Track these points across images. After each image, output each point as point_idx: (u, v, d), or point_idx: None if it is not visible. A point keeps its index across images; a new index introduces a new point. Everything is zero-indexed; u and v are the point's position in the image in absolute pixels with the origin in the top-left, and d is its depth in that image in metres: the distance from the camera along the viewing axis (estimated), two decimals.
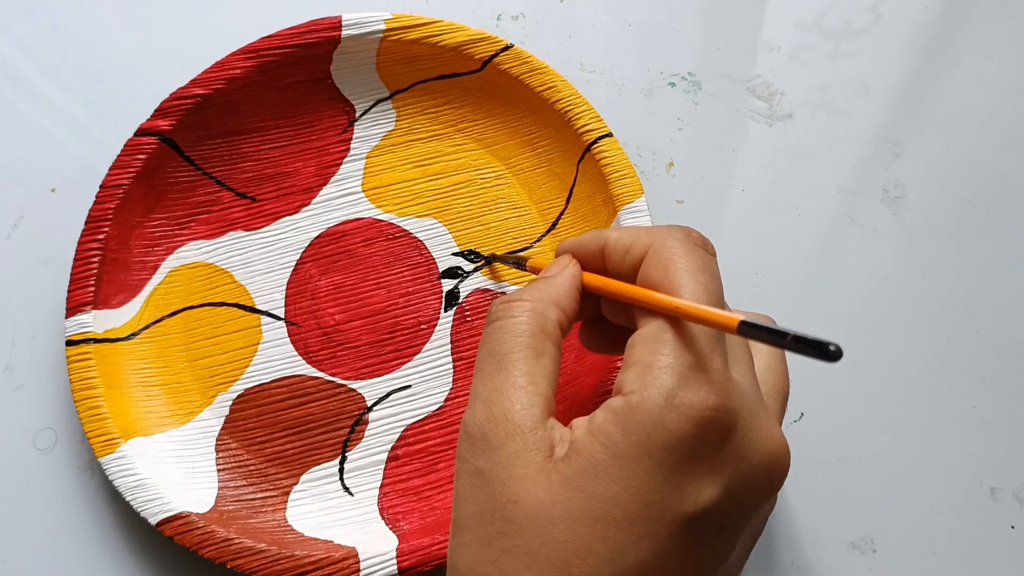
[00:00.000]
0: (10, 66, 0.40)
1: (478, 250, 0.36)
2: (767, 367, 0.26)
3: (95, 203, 0.34)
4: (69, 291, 0.33)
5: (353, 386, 0.35)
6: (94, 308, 0.33)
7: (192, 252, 0.36)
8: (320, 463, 0.34)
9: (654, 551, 0.21)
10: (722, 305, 0.23)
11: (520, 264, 0.32)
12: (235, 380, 0.34)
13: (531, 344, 0.24)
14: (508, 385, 0.23)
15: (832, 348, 0.17)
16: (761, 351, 0.26)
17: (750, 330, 0.20)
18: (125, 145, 0.35)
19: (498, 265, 0.36)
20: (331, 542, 0.31)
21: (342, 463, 0.34)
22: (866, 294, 0.37)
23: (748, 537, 0.24)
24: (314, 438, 0.34)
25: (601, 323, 0.28)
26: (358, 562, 0.30)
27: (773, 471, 0.23)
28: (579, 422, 0.23)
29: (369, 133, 0.38)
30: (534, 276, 0.32)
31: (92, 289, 0.33)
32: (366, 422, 0.34)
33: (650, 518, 0.21)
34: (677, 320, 0.22)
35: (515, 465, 0.22)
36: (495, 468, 0.22)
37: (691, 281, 0.23)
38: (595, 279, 0.26)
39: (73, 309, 0.33)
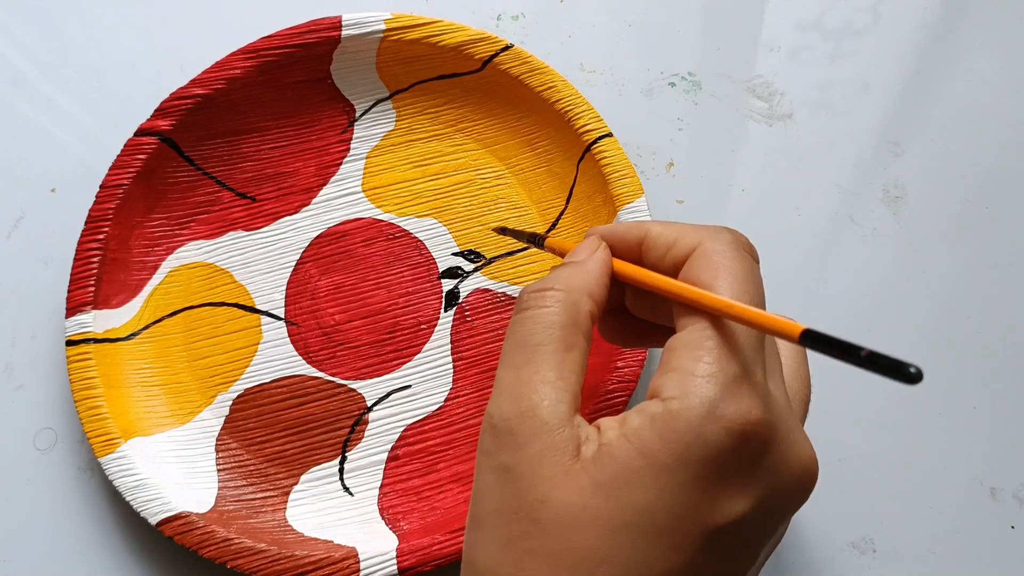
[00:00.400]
0: (10, 66, 0.40)
1: (478, 250, 0.36)
2: (793, 373, 0.25)
3: (95, 203, 0.34)
4: (69, 291, 0.33)
5: (353, 386, 0.35)
6: (94, 308, 0.33)
7: (192, 252, 0.36)
8: (320, 463, 0.34)
9: (680, 562, 0.20)
10: None
11: (537, 241, 0.30)
12: (235, 380, 0.34)
13: (562, 337, 0.23)
14: (537, 379, 0.22)
15: (913, 371, 0.16)
16: (785, 355, 0.26)
17: (815, 340, 0.19)
18: (125, 145, 0.35)
19: (499, 263, 0.36)
20: (331, 542, 0.31)
21: (342, 463, 0.34)
22: (866, 294, 0.37)
23: (771, 546, 0.23)
24: (314, 438, 0.34)
25: (623, 314, 0.27)
26: (358, 562, 0.30)
27: (804, 485, 0.22)
28: (608, 423, 0.22)
29: (369, 133, 0.38)
30: (543, 252, 0.31)
31: (92, 289, 0.33)
32: (366, 422, 0.34)
33: (679, 530, 0.20)
34: (719, 325, 0.22)
35: (543, 464, 0.21)
36: (521, 466, 0.22)
37: (742, 291, 0.22)
38: (633, 270, 0.24)
39: (73, 309, 0.33)
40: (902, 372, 0.16)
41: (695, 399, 0.20)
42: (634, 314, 0.27)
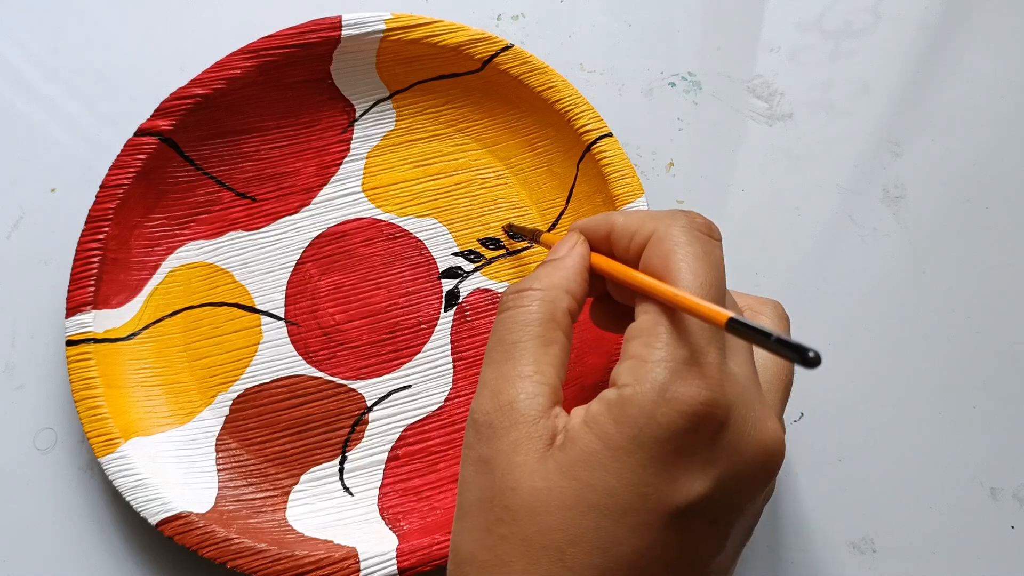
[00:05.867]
0: (10, 66, 0.40)
1: (478, 250, 0.36)
2: (769, 355, 0.26)
3: (95, 203, 0.34)
4: (69, 291, 0.33)
5: (353, 386, 0.35)
6: (94, 308, 0.33)
7: (192, 252, 0.36)
8: (320, 463, 0.34)
9: (647, 542, 0.21)
10: (722, 295, 0.23)
11: (535, 237, 0.33)
12: (235, 380, 0.34)
13: (540, 333, 0.24)
14: (515, 374, 0.23)
15: (812, 355, 0.18)
16: None
17: (738, 327, 0.20)
18: (125, 145, 0.35)
19: (499, 263, 0.36)
20: (331, 542, 0.31)
21: (342, 463, 0.34)
22: (866, 294, 0.37)
23: (742, 526, 0.24)
24: (314, 438, 0.34)
25: (610, 301, 0.28)
26: (358, 562, 0.30)
27: (767, 463, 0.23)
28: (577, 411, 0.23)
29: (369, 133, 0.38)
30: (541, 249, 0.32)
31: (92, 289, 0.33)
32: (366, 422, 0.34)
33: (642, 509, 0.21)
34: (672, 311, 0.22)
35: (516, 453, 0.22)
36: (497, 456, 0.22)
37: (689, 273, 0.23)
38: (601, 260, 0.26)
39: (73, 309, 0.33)
40: (803, 356, 0.18)
41: (646, 384, 0.21)
42: (618, 301, 0.27)
